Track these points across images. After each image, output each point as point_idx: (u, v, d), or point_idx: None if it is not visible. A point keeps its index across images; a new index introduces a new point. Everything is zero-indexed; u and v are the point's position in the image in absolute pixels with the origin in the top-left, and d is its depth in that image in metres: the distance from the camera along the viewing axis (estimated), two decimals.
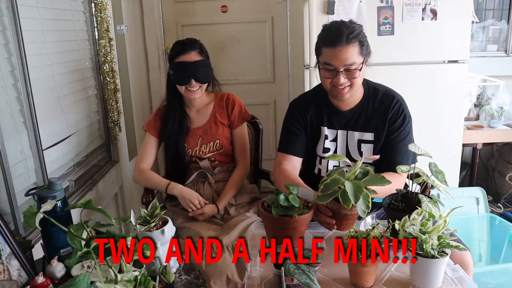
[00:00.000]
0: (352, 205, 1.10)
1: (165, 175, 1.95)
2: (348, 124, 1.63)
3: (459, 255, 1.31)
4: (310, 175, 1.73)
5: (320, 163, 1.69)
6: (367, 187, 1.16)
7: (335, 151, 1.65)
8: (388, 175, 1.22)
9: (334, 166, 1.66)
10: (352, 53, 1.45)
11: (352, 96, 1.56)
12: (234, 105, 1.93)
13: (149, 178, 1.87)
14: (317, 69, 1.60)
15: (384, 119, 1.58)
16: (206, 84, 1.86)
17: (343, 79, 1.48)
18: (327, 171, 1.66)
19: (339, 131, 1.64)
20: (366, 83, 1.64)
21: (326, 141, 1.66)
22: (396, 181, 1.40)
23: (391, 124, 1.58)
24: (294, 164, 1.67)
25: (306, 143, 1.68)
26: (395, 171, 1.41)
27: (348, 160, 1.34)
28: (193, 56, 1.79)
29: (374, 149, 1.61)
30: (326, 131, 1.66)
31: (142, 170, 1.88)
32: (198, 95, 1.84)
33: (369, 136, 1.61)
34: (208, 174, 1.90)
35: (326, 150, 1.66)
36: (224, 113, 1.92)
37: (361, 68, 1.48)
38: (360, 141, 1.62)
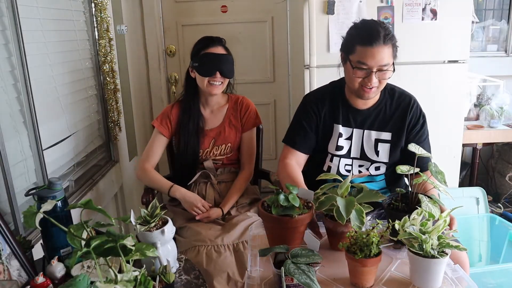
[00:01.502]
0: (348, 222, 1.11)
1: (171, 175, 1.95)
2: (365, 123, 1.62)
3: (455, 254, 1.31)
4: (318, 171, 1.66)
5: (331, 160, 1.66)
6: (363, 203, 1.17)
7: (349, 150, 1.64)
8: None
9: (346, 164, 1.65)
10: (388, 54, 1.46)
11: (372, 97, 1.56)
12: (248, 109, 1.94)
13: (152, 179, 1.86)
14: (340, 67, 1.60)
15: (403, 120, 1.60)
16: (227, 82, 1.88)
17: (375, 80, 1.47)
18: (338, 169, 1.65)
19: (355, 130, 1.63)
20: None
21: (340, 139, 1.64)
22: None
23: (413, 126, 1.61)
24: (298, 159, 1.66)
25: (316, 141, 1.66)
26: (425, 169, 1.43)
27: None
28: (220, 50, 1.82)
29: (391, 148, 1.61)
30: (340, 129, 1.63)
31: (146, 169, 1.86)
32: (219, 90, 1.85)
33: (386, 135, 1.61)
34: (211, 175, 1.90)
35: (340, 148, 1.64)
36: (238, 116, 1.93)
37: (393, 70, 1.50)
38: (377, 141, 1.62)
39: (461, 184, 2.74)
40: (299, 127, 1.66)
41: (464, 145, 2.61)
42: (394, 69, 1.51)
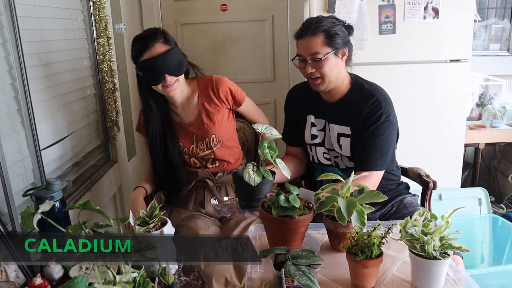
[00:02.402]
0: (348, 222, 1.11)
1: (157, 186, 1.85)
2: (330, 116, 1.68)
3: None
4: (310, 164, 1.82)
5: (311, 150, 1.77)
6: (364, 204, 1.16)
7: (323, 140, 1.71)
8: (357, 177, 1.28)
9: (324, 153, 1.73)
10: (315, 43, 1.54)
11: (328, 88, 1.62)
12: (223, 87, 1.76)
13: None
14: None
15: (360, 113, 1.59)
16: (183, 75, 1.70)
17: (310, 69, 1.57)
18: (317, 158, 1.75)
19: (326, 122, 1.70)
20: (355, 79, 1.67)
21: (313, 128, 1.72)
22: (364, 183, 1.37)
23: (366, 120, 1.58)
24: (292, 151, 1.83)
25: (298, 132, 1.78)
26: (364, 169, 1.53)
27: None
28: (159, 48, 1.59)
29: (351, 143, 1.63)
30: (312, 119, 1.72)
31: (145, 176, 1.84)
32: (177, 89, 1.68)
33: (346, 130, 1.64)
34: (208, 181, 1.81)
35: (314, 137, 1.73)
36: (214, 101, 1.76)
37: (325, 58, 1.53)
38: (339, 134, 1.66)
39: (463, 185, 2.74)
40: (285, 120, 1.85)
41: (466, 145, 2.61)
42: (338, 57, 1.57)
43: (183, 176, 1.81)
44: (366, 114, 1.58)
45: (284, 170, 1.28)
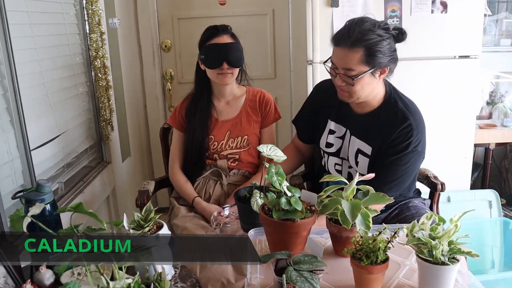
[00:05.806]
0: (353, 226, 1.10)
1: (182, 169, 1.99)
2: (353, 128, 1.62)
3: None
4: (318, 166, 1.82)
5: (324, 156, 1.73)
6: (368, 207, 1.15)
7: (340, 149, 1.65)
8: None
9: (336, 163, 1.69)
10: (351, 58, 1.42)
11: (355, 102, 1.54)
12: (268, 104, 1.97)
13: (177, 184, 1.95)
14: None
15: (387, 136, 1.51)
16: (238, 71, 1.91)
17: (340, 82, 1.48)
18: (328, 167, 1.72)
19: (348, 131, 1.64)
20: (390, 93, 1.57)
21: (330, 136, 1.67)
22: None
23: (392, 146, 1.50)
24: (298, 145, 1.85)
25: (312, 131, 1.75)
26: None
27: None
28: (225, 39, 1.86)
29: (369, 164, 1.56)
30: (332, 125, 1.66)
31: (173, 171, 1.97)
32: (230, 80, 1.88)
33: (367, 149, 1.56)
34: (223, 174, 1.92)
35: (329, 145, 1.68)
36: (256, 109, 1.97)
37: (359, 78, 1.43)
38: (359, 151, 1.59)
39: (473, 186, 2.73)
40: (302, 111, 1.83)
41: (476, 145, 2.61)
42: (374, 76, 1.46)
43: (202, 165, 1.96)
44: (394, 139, 1.49)
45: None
